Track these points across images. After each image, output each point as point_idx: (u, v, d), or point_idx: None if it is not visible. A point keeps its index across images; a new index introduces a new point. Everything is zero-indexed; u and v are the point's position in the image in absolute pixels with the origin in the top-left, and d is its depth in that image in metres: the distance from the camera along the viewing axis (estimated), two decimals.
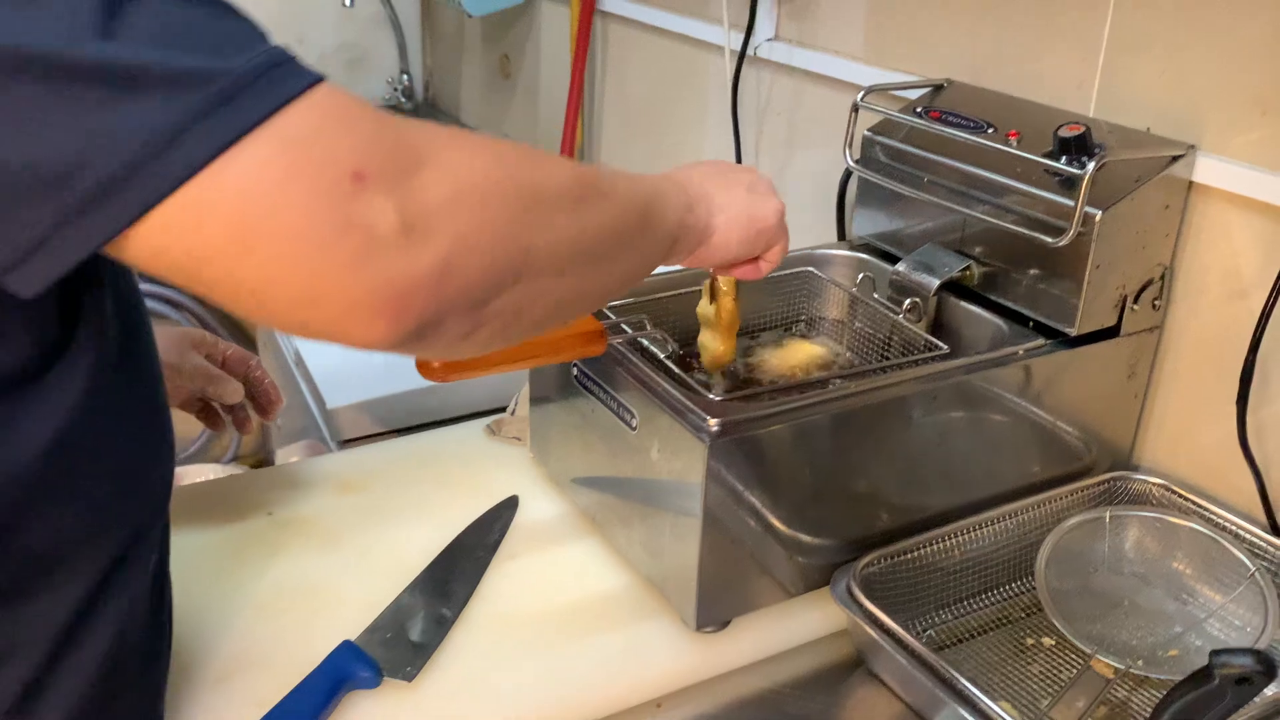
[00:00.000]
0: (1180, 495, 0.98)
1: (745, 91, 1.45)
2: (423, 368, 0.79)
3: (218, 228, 0.42)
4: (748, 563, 0.84)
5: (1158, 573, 0.96)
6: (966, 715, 0.75)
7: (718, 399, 0.83)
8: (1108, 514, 0.97)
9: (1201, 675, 0.62)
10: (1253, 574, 0.90)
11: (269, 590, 0.89)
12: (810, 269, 1.09)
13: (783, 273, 1.09)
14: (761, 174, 0.79)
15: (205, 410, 0.98)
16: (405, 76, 2.43)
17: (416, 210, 0.45)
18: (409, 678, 0.80)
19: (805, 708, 0.84)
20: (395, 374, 1.21)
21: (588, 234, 0.57)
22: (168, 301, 2.30)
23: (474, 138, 0.52)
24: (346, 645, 0.81)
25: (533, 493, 1.03)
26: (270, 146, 0.42)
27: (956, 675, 0.77)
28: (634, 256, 0.64)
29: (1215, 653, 0.62)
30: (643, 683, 0.83)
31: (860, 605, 0.83)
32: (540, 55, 1.99)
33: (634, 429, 0.86)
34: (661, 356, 0.89)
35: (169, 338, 0.93)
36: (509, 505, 1.01)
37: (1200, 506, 0.96)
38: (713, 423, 0.78)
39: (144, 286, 2.12)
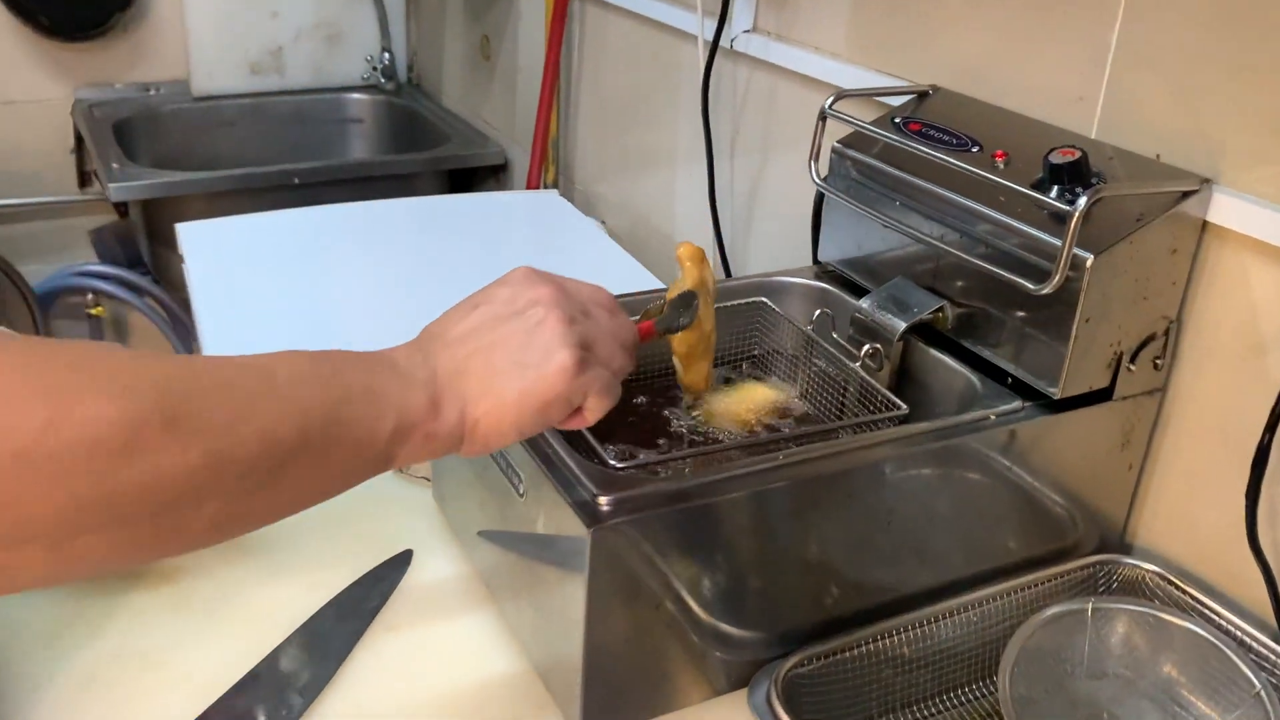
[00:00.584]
0: (1178, 586, 0.84)
1: (720, 87, 1.31)
2: None
3: None
4: (650, 661, 0.71)
5: (1146, 678, 0.82)
6: None
7: (618, 466, 0.69)
8: (1090, 605, 0.83)
9: None
10: (1258, 692, 0.76)
11: (98, 661, 0.76)
12: (763, 300, 0.95)
13: (733, 303, 0.95)
14: (557, 289, 0.59)
15: None
16: (386, 55, 2.30)
17: None
18: None
19: None
20: None
21: (137, 486, 0.42)
22: (129, 286, 2.19)
23: None
24: None
25: (431, 545, 0.90)
26: None
27: None
28: (296, 484, 0.49)
29: None
30: None
31: (776, 718, 0.70)
32: (519, 37, 1.85)
33: (521, 495, 0.73)
34: None
35: None
36: (399, 562, 0.88)
37: (1200, 603, 0.82)
38: (603, 501, 0.65)
39: (106, 269, 1.97)
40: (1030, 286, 0.76)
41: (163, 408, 0.41)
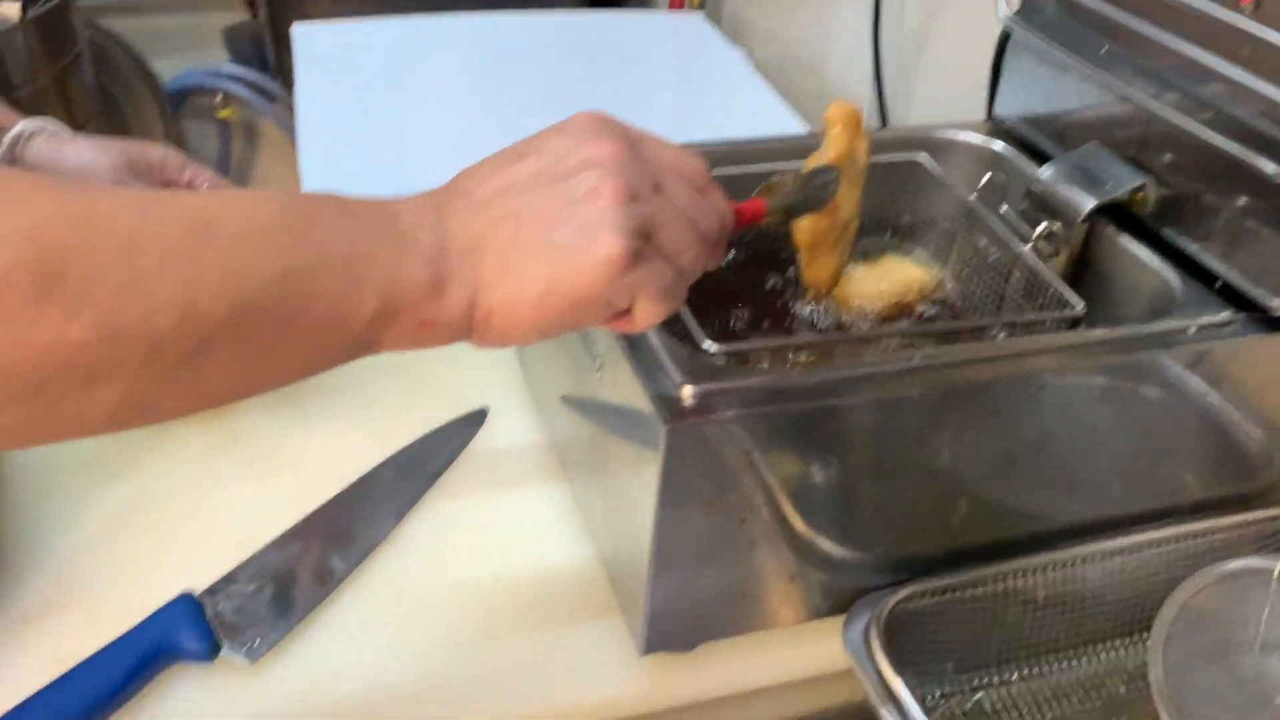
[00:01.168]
0: None
1: None
2: None
3: None
4: (728, 578, 0.60)
5: None
6: None
7: (713, 351, 0.57)
8: (1278, 566, 0.68)
9: None
10: None
11: (131, 498, 0.71)
12: (920, 159, 0.79)
13: (885, 159, 0.79)
14: (624, 149, 0.44)
15: None
16: None
17: None
18: (253, 657, 0.61)
19: None
20: None
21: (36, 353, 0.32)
22: (260, 90, 2.12)
23: None
24: (184, 601, 0.62)
25: (507, 406, 0.81)
26: None
27: None
28: (227, 370, 0.37)
29: None
30: (568, 701, 0.62)
31: (871, 659, 0.59)
32: None
33: (597, 371, 0.62)
34: None
35: (104, 157, 0.73)
36: (472, 421, 0.79)
37: None
38: (687, 393, 0.54)
39: (238, 71, 1.88)
40: (1271, 168, 0.59)
41: (36, 264, 0.31)
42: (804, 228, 0.64)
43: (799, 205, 0.58)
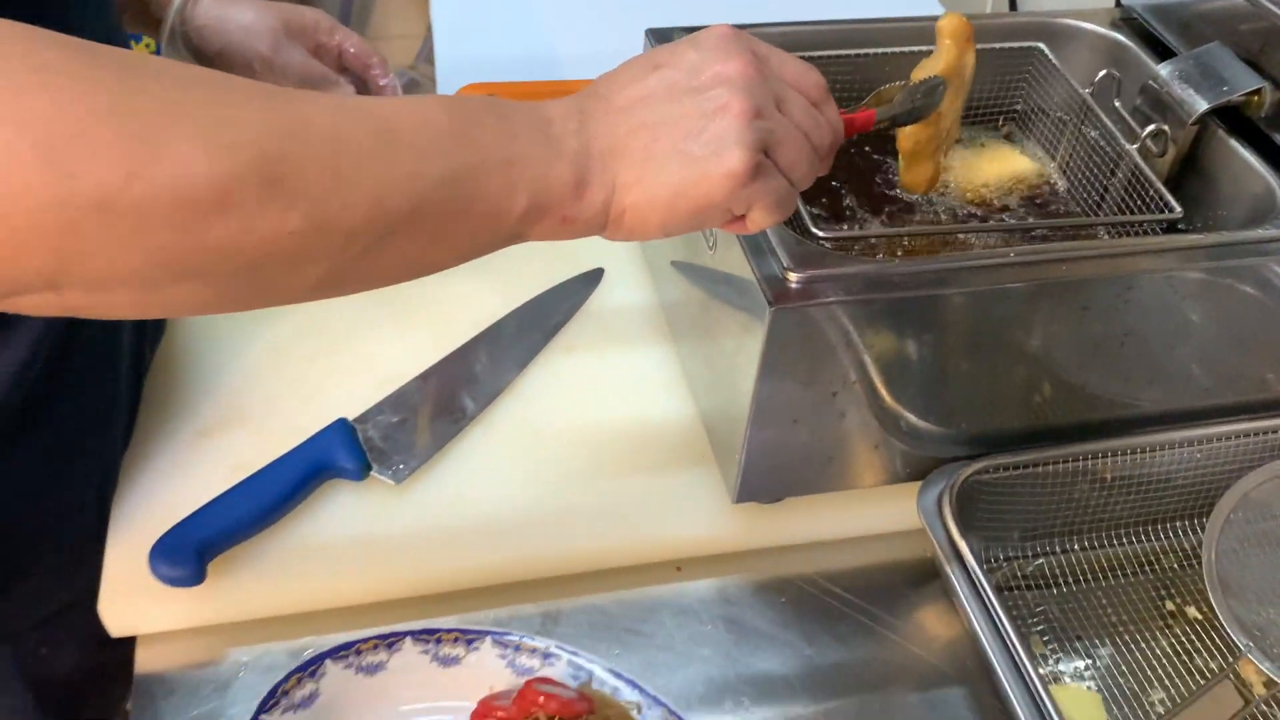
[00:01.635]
0: None
1: None
2: None
3: None
4: (817, 442, 0.67)
5: None
6: (1013, 692, 0.59)
7: (822, 235, 0.62)
8: None
9: None
10: None
11: (289, 334, 0.80)
12: (1040, 46, 0.80)
13: (1003, 45, 0.81)
14: (752, 66, 0.48)
15: None
16: None
17: None
18: (398, 478, 0.70)
19: (846, 609, 0.69)
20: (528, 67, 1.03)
21: (229, 247, 0.37)
22: None
23: (51, 97, 0.34)
24: (341, 425, 0.71)
25: (622, 269, 0.87)
26: None
27: (1015, 641, 0.60)
28: (403, 256, 0.43)
29: None
30: (664, 540, 0.70)
31: (942, 524, 0.66)
32: None
33: (711, 248, 0.67)
34: None
35: (265, 19, 0.79)
36: (589, 280, 0.86)
37: None
38: (793, 278, 0.59)
39: None
40: None
41: (262, 167, 0.37)
42: (906, 134, 0.67)
43: (906, 115, 0.61)
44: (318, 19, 0.80)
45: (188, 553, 0.63)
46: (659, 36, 0.76)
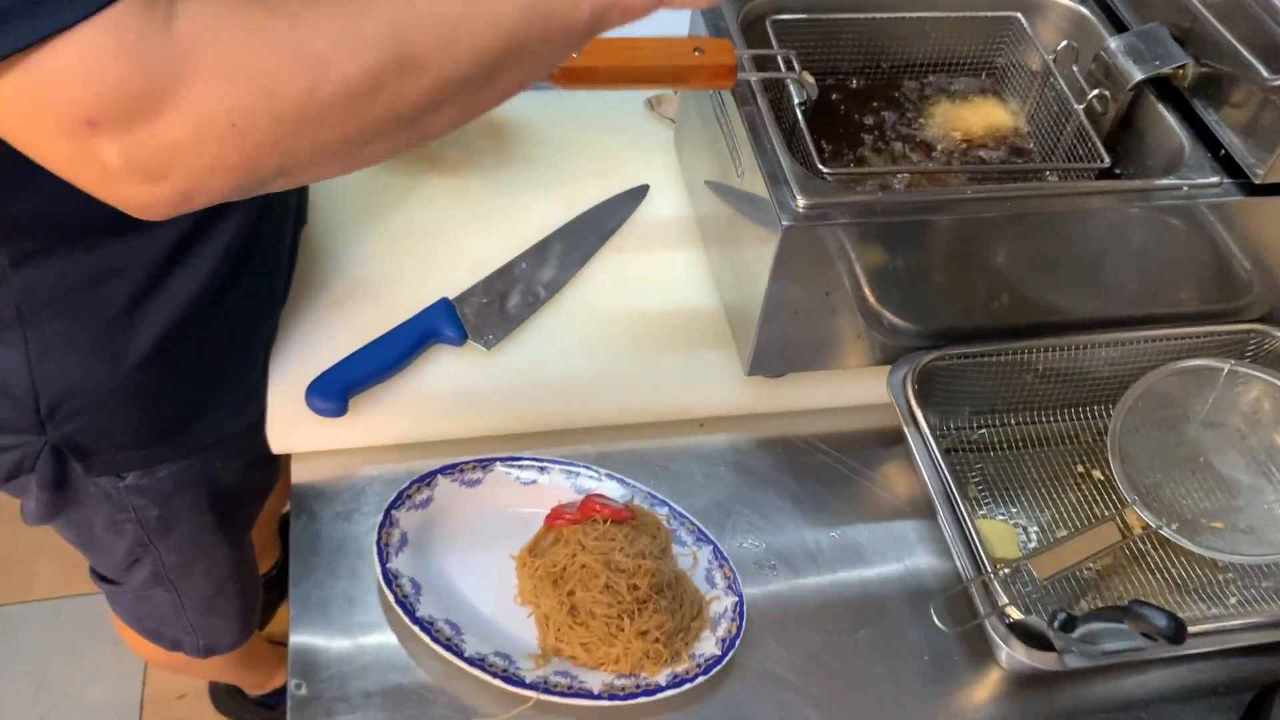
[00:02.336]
0: None
1: None
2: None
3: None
4: (814, 330, 0.86)
5: (1256, 438, 0.92)
6: (949, 523, 0.79)
7: (826, 171, 0.81)
8: (1228, 367, 0.92)
9: (1120, 611, 0.64)
10: None
11: (398, 228, 0.99)
12: (1018, 16, 0.98)
13: (986, 15, 0.98)
14: None
15: None
16: None
17: (145, 156, 0.47)
18: (488, 345, 0.90)
19: (829, 460, 0.90)
20: None
21: (391, 117, 0.54)
22: None
23: (248, 55, 0.49)
24: (444, 303, 0.91)
25: (663, 185, 1.06)
26: (17, 81, 0.45)
27: (954, 489, 0.80)
28: (510, 79, 0.59)
29: (1136, 602, 0.62)
30: (691, 402, 0.91)
31: (905, 398, 0.86)
32: None
33: (739, 175, 0.86)
34: (795, 103, 0.86)
35: None
36: (637, 194, 1.04)
37: None
38: (801, 204, 0.78)
39: None
40: (1264, 73, 0.78)
41: (396, 54, 0.52)
42: None
43: None
44: None
45: (335, 392, 0.84)
46: None
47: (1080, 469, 0.92)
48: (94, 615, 1.71)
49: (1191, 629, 0.74)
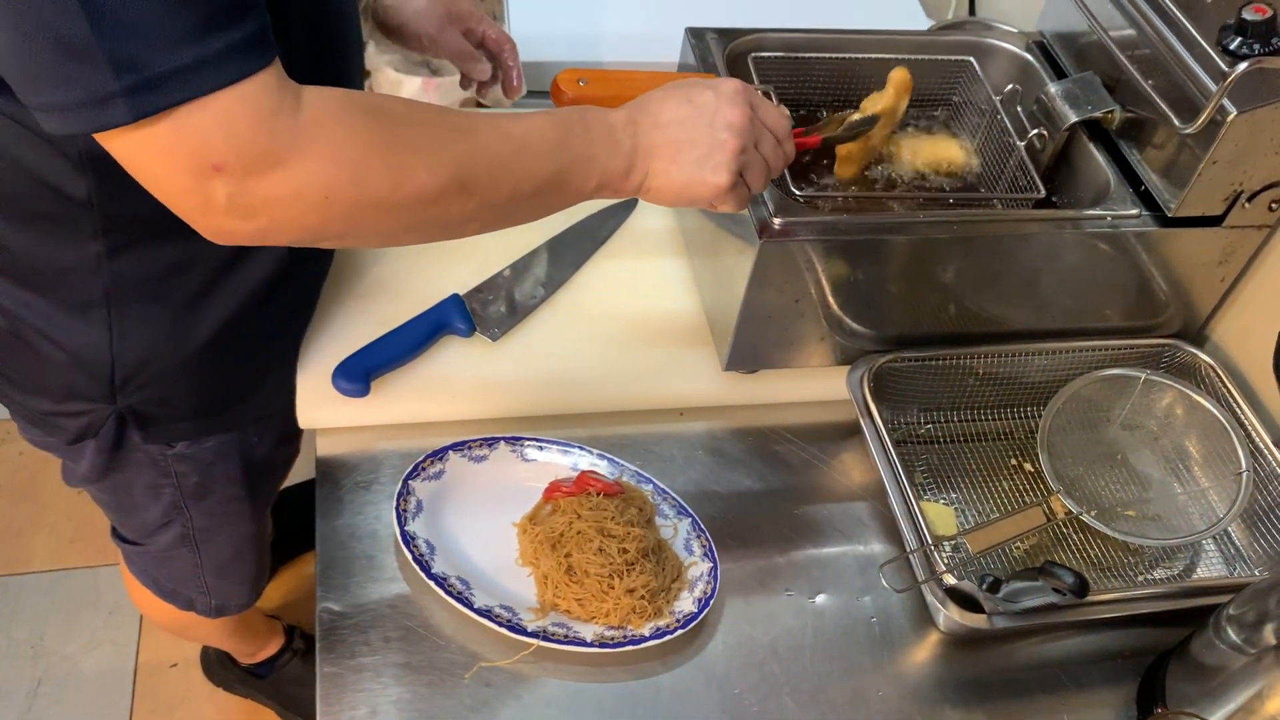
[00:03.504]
0: (1223, 380, 1.03)
1: None
2: (555, 97, 0.92)
3: (129, 159, 0.61)
4: (785, 332, 0.98)
5: (1168, 440, 1.04)
6: (897, 504, 0.91)
7: (798, 193, 0.93)
8: (1144, 376, 1.04)
9: (1036, 571, 0.76)
10: (1241, 473, 0.98)
11: None
12: (970, 60, 1.10)
13: (943, 58, 1.11)
14: (748, 118, 0.77)
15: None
16: None
17: (248, 200, 0.61)
18: (494, 338, 1.01)
19: (794, 448, 1.02)
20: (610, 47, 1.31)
21: (437, 222, 0.68)
22: None
23: (353, 149, 0.62)
24: (454, 298, 1.02)
25: None
26: (164, 128, 0.58)
27: (902, 475, 0.92)
28: (525, 215, 0.74)
29: (1049, 563, 0.75)
30: (673, 393, 1.02)
31: (862, 395, 0.98)
32: None
33: None
34: None
35: (434, 7, 1.03)
36: (627, 206, 1.16)
37: (1234, 400, 1.02)
38: (776, 222, 0.89)
39: None
40: (1176, 122, 0.91)
41: (459, 178, 0.66)
42: (841, 150, 0.98)
43: (843, 137, 0.91)
44: (471, 10, 1.06)
45: (358, 374, 0.94)
46: (695, 34, 1.05)
47: (1013, 462, 1.04)
48: (89, 587, 1.80)
49: (1100, 596, 0.87)
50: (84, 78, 0.55)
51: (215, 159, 0.58)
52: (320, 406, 0.95)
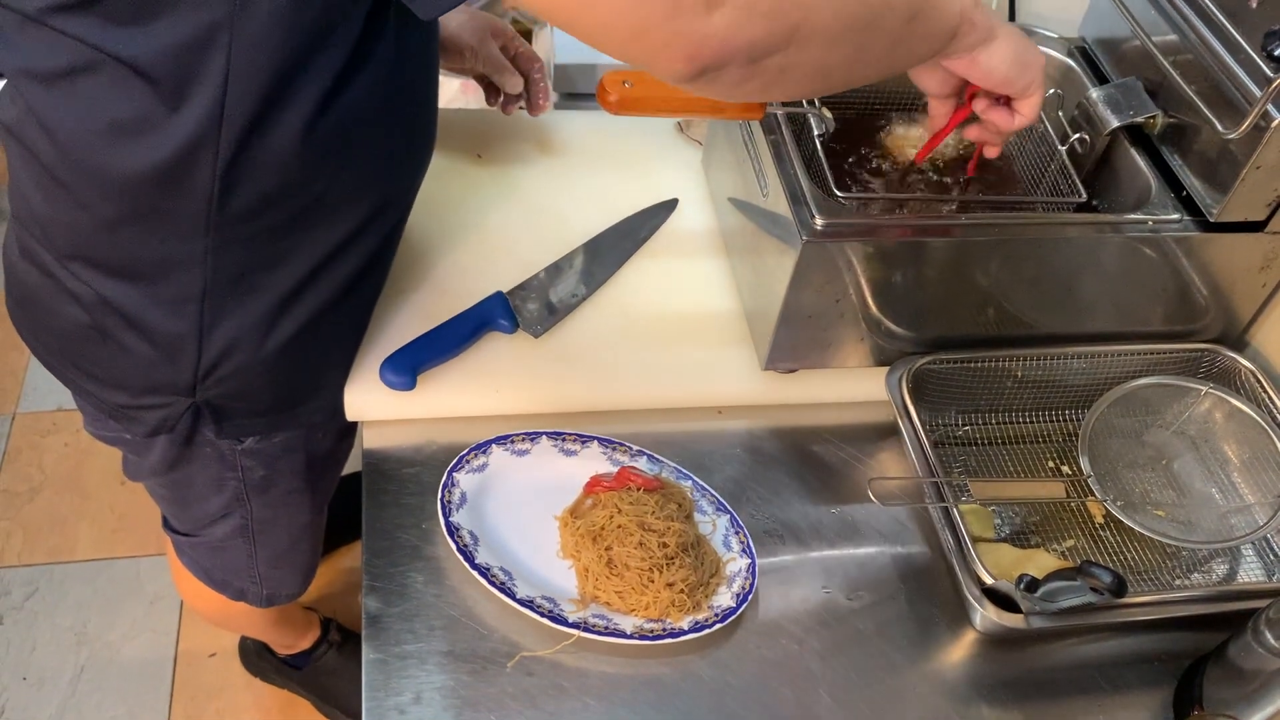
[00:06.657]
0: (1263, 386, 1.03)
1: None
2: (601, 99, 0.93)
3: None
4: (824, 332, 0.99)
5: (1209, 445, 1.04)
6: (934, 503, 0.92)
7: (840, 195, 0.94)
8: (1206, 389, 1.03)
9: (1074, 571, 0.76)
10: None
11: (461, 227, 1.12)
12: None
13: None
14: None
15: (486, 86, 1.13)
16: None
17: None
18: (536, 334, 1.03)
19: (831, 448, 1.02)
20: None
21: (857, 14, 0.68)
22: None
23: None
24: (498, 296, 1.04)
25: (692, 200, 1.18)
26: None
27: (941, 476, 0.93)
28: (907, 38, 0.74)
29: (1086, 562, 0.75)
30: (712, 391, 1.03)
31: (901, 396, 0.98)
32: None
33: (764, 195, 0.98)
34: (815, 134, 0.99)
35: (476, 20, 1.08)
36: (667, 207, 1.17)
37: (1275, 406, 1.01)
38: (818, 222, 0.90)
39: None
40: (1219, 128, 0.91)
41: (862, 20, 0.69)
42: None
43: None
44: (506, 27, 1.10)
45: (405, 369, 0.96)
46: None
47: (1051, 465, 1.04)
48: (131, 576, 1.83)
49: (1138, 598, 0.88)
50: None
51: None
52: (367, 399, 0.97)
